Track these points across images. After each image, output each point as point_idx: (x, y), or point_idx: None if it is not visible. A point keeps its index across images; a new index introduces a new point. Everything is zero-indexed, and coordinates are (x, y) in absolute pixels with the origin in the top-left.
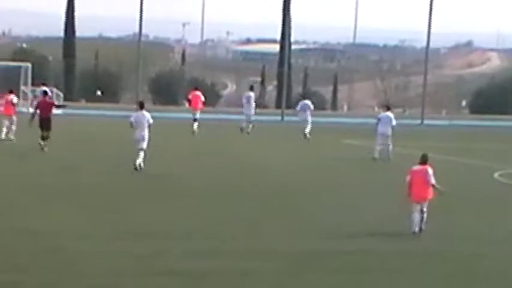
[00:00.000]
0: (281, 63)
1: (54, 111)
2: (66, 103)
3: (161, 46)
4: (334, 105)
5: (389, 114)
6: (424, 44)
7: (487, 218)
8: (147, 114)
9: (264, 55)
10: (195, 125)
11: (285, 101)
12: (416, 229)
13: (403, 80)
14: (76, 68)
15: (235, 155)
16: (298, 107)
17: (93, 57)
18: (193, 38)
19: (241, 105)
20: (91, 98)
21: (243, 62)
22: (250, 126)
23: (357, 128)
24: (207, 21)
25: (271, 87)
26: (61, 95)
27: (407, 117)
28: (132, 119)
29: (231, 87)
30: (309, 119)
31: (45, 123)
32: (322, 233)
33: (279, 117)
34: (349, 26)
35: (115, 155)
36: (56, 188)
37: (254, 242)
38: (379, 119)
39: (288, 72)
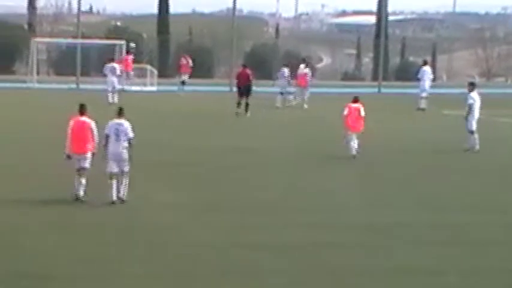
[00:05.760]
0: (378, 34)
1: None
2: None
3: (255, 20)
4: (433, 75)
5: None
6: None
7: None
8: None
9: (359, 27)
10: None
11: (382, 72)
12: None
13: (506, 48)
14: (170, 45)
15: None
16: (419, 75)
17: (186, 33)
18: (287, 12)
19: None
20: None
21: (338, 34)
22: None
23: (457, 98)
24: None
25: (367, 60)
26: (155, 71)
27: (509, 86)
28: None
29: (326, 60)
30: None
31: (244, 91)
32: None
33: (376, 90)
34: None
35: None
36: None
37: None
38: None
39: (385, 43)
